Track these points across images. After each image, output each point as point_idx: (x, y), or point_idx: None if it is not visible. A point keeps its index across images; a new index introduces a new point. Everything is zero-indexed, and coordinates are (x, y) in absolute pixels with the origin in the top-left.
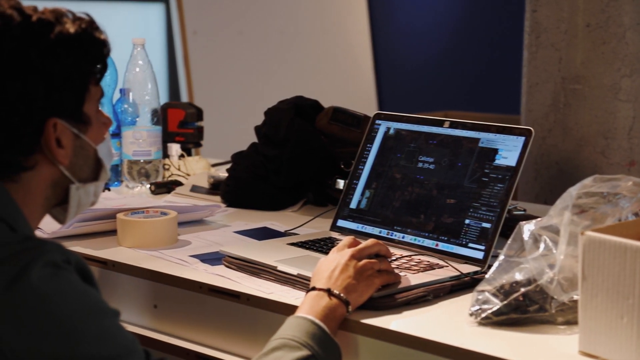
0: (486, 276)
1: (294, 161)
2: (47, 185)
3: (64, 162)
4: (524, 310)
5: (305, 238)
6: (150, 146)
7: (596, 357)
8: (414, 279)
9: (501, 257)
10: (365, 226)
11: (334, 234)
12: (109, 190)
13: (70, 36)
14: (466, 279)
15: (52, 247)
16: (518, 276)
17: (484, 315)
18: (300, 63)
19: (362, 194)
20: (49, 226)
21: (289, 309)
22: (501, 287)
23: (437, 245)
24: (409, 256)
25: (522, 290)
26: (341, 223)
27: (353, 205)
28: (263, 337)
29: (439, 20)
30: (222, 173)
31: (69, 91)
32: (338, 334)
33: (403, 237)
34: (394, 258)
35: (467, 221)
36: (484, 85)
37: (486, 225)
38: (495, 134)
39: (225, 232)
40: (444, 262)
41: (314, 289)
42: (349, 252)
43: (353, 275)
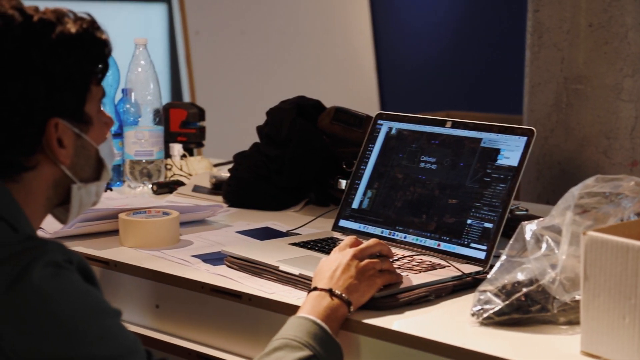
0: (488, 276)
1: (296, 161)
2: (48, 185)
3: (66, 162)
4: (526, 310)
5: (307, 238)
6: (152, 146)
7: (598, 357)
8: (415, 279)
9: (503, 257)
10: (367, 226)
11: (336, 234)
12: (111, 190)
13: (71, 36)
14: (468, 279)
15: (53, 247)
16: (520, 276)
17: (485, 315)
18: (303, 63)
19: (364, 194)
20: (51, 226)
21: (290, 309)
22: (503, 287)
23: (439, 245)
24: (411, 256)
25: (524, 290)
26: (343, 223)
27: (355, 205)
28: (265, 337)
29: (441, 20)
30: (224, 173)
31: (70, 91)
32: (340, 334)
33: (405, 237)
34: (395, 258)
35: (469, 221)
36: (486, 85)
37: (488, 225)
38: (497, 134)
39: (227, 232)
40: (445, 262)
41: (315, 289)
42: (350, 252)
43: (355, 275)
